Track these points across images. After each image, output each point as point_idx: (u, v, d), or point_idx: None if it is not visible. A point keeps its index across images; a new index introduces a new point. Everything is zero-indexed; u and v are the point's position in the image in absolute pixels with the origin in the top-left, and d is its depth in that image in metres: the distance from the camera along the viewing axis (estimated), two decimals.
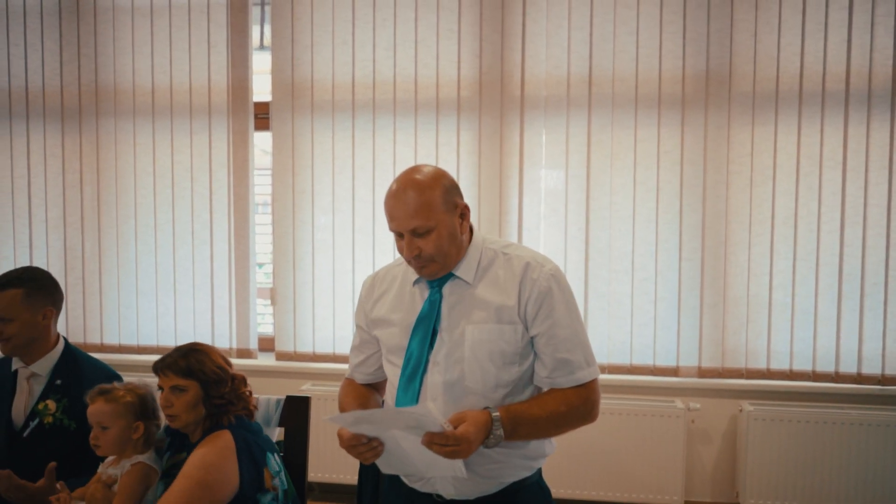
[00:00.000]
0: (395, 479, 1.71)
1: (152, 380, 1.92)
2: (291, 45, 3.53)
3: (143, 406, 1.91)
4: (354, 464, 2.61)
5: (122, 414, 1.87)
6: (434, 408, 1.41)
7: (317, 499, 3.49)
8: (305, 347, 3.59)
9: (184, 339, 3.65)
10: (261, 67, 3.67)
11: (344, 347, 3.55)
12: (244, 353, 3.65)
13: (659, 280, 3.35)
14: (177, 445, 1.93)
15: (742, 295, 3.31)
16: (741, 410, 3.27)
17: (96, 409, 1.88)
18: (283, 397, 2.13)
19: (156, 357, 3.66)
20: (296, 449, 2.08)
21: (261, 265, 3.94)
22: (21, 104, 3.76)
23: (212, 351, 1.91)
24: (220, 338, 3.65)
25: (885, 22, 3.18)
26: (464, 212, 1.56)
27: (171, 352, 1.91)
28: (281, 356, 3.61)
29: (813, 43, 3.23)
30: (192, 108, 3.64)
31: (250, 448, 1.83)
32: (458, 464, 1.48)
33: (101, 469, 1.90)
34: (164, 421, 1.94)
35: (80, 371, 2.16)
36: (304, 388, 3.47)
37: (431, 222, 1.51)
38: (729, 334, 3.33)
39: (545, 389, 1.58)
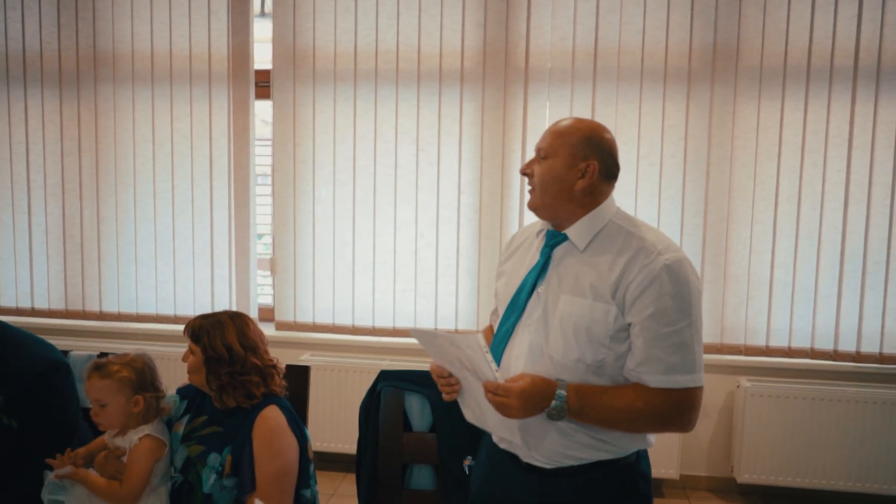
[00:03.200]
0: (485, 435, 1.71)
1: (151, 349, 1.92)
2: (293, 11, 3.47)
3: (140, 379, 1.86)
4: (353, 433, 2.62)
5: (119, 389, 1.84)
6: (483, 342, 1.39)
7: (316, 468, 3.51)
8: (305, 317, 3.59)
9: (183, 309, 3.68)
10: (262, 35, 3.62)
11: (344, 318, 3.56)
12: None
13: None
14: (196, 408, 1.91)
15: (743, 272, 3.31)
16: (738, 386, 3.28)
17: (91, 386, 1.84)
18: (283, 366, 2.12)
19: (155, 326, 3.71)
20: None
21: (260, 236, 3.92)
22: (18, 68, 3.71)
23: (233, 328, 1.85)
24: (220, 307, 3.65)
25: None
26: (587, 171, 1.51)
27: (209, 313, 1.91)
28: (281, 326, 3.61)
29: (823, 17, 3.18)
30: (191, 75, 3.59)
31: (295, 419, 1.84)
32: (513, 426, 1.48)
33: (107, 438, 1.89)
34: (166, 390, 1.94)
35: (18, 361, 1.93)
36: (303, 358, 3.48)
37: (552, 150, 1.53)
38: (729, 311, 3.33)
39: (632, 381, 1.48)
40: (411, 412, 2.18)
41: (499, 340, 1.58)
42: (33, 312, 3.81)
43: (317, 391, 3.41)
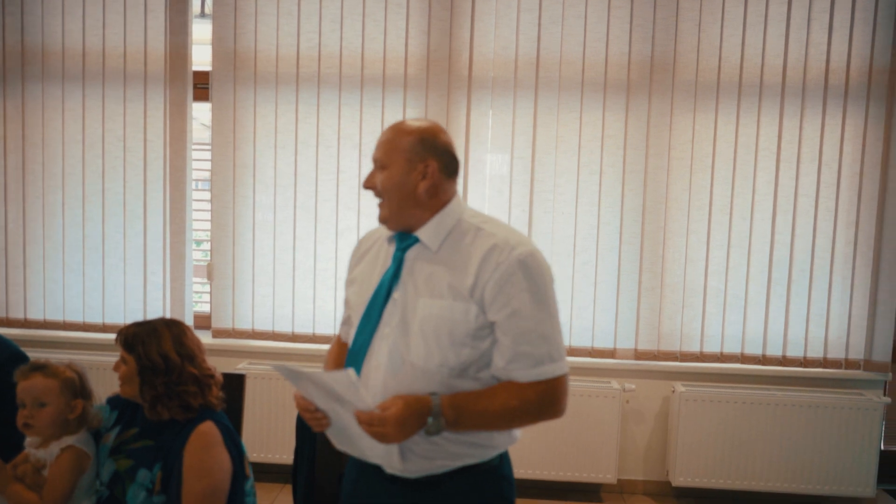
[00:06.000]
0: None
1: (79, 358, 1.84)
2: (234, 13, 3.41)
3: (81, 384, 1.81)
4: (289, 443, 2.57)
5: (62, 390, 1.77)
6: (354, 376, 1.35)
7: (254, 480, 3.43)
8: (244, 325, 3.51)
9: (112, 317, 3.56)
10: (202, 37, 3.53)
11: (284, 325, 3.49)
12: None
13: (599, 263, 3.41)
14: (127, 420, 1.84)
15: (679, 280, 3.40)
16: (674, 391, 3.37)
17: (33, 385, 1.76)
18: (221, 377, 2.06)
19: (82, 334, 3.56)
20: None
21: (199, 242, 3.82)
22: None
23: (169, 336, 1.78)
24: (153, 315, 3.52)
25: (820, 18, 3.28)
26: (426, 173, 1.49)
27: (141, 321, 1.82)
28: (218, 333, 3.52)
29: (753, 35, 3.31)
30: (126, 74, 3.47)
31: (232, 435, 1.78)
32: (394, 451, 1.45)
33: (28, 448, 1.80)
34: (97, 400, 1.86)
35: None
36: (240, 367, 3.39)
37: (387, 159, 1.50)
38: (665, 318, 3.42)
39: (502, 380, 1.47)
40: None
41: (356, 352, 1.52)
42: None
43: (255, 400, 3.33)
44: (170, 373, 1.75)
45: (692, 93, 3.34)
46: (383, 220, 1.54)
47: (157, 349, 1.75)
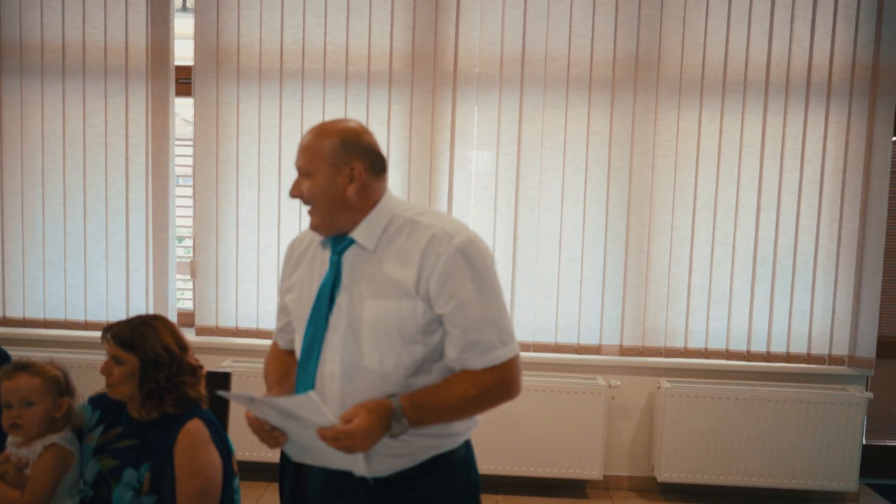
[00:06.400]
0: None
1: (61, 356, 1.81)
2: (216, 7, 3.37)
3: (66, 381, 1.79)
4: None
5: (49, 389, 1.74)
6: (317, 398, 1.33)
7: (239, 478, 3.40)
8: (228, 322, 3.48)
9: (95, 314, 3.51)
10: (184, 31, 3.49)
11: (268, 323, 3.46)
12: None
13: (585, 260, 3.41)
14: (111, 419, 1.80)
15: (663, 276, 3.41)
16: (659, 387, 3.38)
17: (18, 385, 1.73)
18: (205, 372, 2.04)
19: (63, 332, 3.52)
20: None
21: (181, 239, 3.78)
22: None
23: (165, 329, 1.77)
24: (136, 312, 3.49)
25: (803, 15, 3.30)
26: (353, 176, 1.46)
27: (126, 319, 1.79)
28: (201, 331, 3.49)
29: (737, 32, 3.32)
30: (107, 68, 3.43)
31: (219, 431, 1.77)
32: (358, 458, 1.44)
33: (9, 448, 1.77)
34: (80, 399, 1.83)
35: None
36: (224, 365, 3.36)
37: (310, 166, 1.47)
38: (650, 314, 3.43)
39: (457, 370, 1.48)
40: None
41: (305, 361, 1.50)
42: None
43: None
44: (172, 364, 1.74)
45: (677, 89, 3.35)
46: (315, 227, 1.52)
47: (160, 342, 1.74)
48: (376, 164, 1.50)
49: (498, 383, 1.47)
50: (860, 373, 3.40)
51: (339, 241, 1.51)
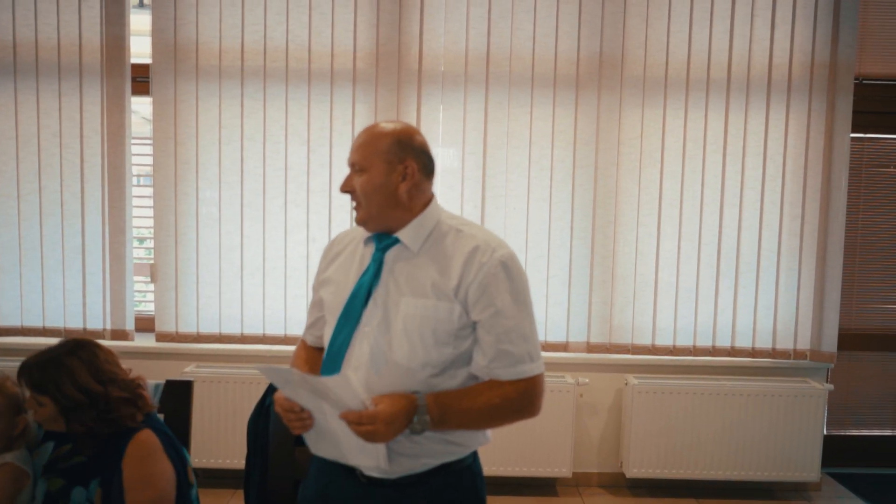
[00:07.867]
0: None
1: (14, 364, 1.74)
2: (174, 3, 3.29)
3: (22, 399, 1.70)
4: (239, 448, 2.50)
5: (8, 407, 1.67)
6: (354, 379, 1.35)
7: (202, 485, 3.31)
8: (189, 328, 3.40)
9: (53, 320, 3.41)
10: (140, 27, 3.40)
11: (231, 327, 3.40)
12: (119, 334, 3.40)
13: (551, 258, 3.41)
14: (60, 436, 1.73)
15: (630, 273, 3.43)
16: (626, 384, 3.40)
17: None
18: (163, 382, 1.98)
19: (20, 339, 3.40)
20: (177, 435, 1.94)
21: (141, 241, 3.69)
22: None
23: (79, 366, 1.63)
24: (93, 318, 3.40)
25: (762, 14, 3.34)
26: (406, 173, 1.49)
27: (36, 353, 1.66)
28: (161, 337, 3.40)
29: (699, 31, 3.35)
30: (60, 67, 3.32)
31: (171, 441, 1.71)
32: (381, 451, 1.43)
33: None
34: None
35: None
36: (187, 371, 3.29)
37: (366, 162, 1.50)
38: (616, 311, 3.44)
39: (482, 379, 1.50)
40: None
41: (335, 352, 1.52)
42: None
43: (203, 405, 3.24)
44: (95, 405, 1.62)
45: (641, 88, 3.37)
46: (362, 221, 1.54)
47: (74, 384, 1.61)
48: (428, 166, 1.54)
49: (522, 396, 1.50)
50: (821, 365, 3.46)
51: (383, 239, 1.54)
